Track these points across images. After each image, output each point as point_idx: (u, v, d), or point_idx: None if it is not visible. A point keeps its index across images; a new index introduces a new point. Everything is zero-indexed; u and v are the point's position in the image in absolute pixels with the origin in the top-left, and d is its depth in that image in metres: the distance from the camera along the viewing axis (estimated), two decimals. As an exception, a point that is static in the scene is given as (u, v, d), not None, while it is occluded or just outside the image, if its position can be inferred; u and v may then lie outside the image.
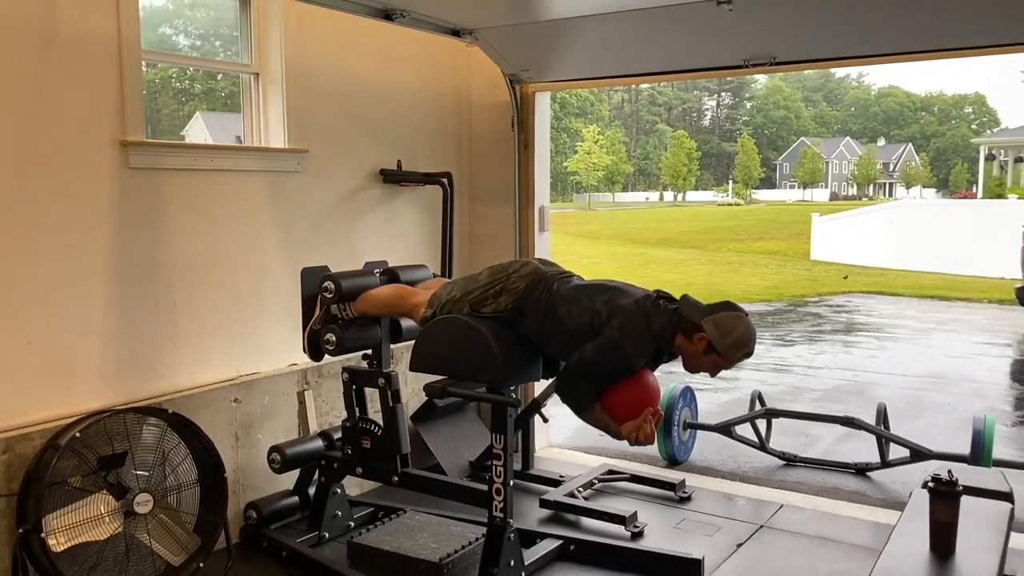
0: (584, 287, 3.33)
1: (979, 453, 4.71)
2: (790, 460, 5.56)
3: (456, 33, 4.53)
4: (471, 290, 3.41)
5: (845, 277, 18.83)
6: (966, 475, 3.00)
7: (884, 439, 5.24)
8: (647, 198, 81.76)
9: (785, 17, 3.89)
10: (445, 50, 5.08)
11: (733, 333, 3.07)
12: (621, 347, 3.09)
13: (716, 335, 3.06)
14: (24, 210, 3.25)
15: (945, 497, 2.57)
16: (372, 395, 3.85)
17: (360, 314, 3.74)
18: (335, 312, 3.76)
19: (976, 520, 2.76)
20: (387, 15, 4.07)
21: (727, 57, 4.37)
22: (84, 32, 3.40)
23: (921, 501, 2.74)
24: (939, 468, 2.70)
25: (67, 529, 3.14)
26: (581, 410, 3.22)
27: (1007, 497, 3.05)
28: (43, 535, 3.06)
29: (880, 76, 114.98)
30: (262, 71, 4.31)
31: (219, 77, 6.11)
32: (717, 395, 7.79)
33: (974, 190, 49.07)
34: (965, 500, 2.61)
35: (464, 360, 3.32)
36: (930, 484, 2.61)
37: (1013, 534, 2.90)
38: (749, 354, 3.15)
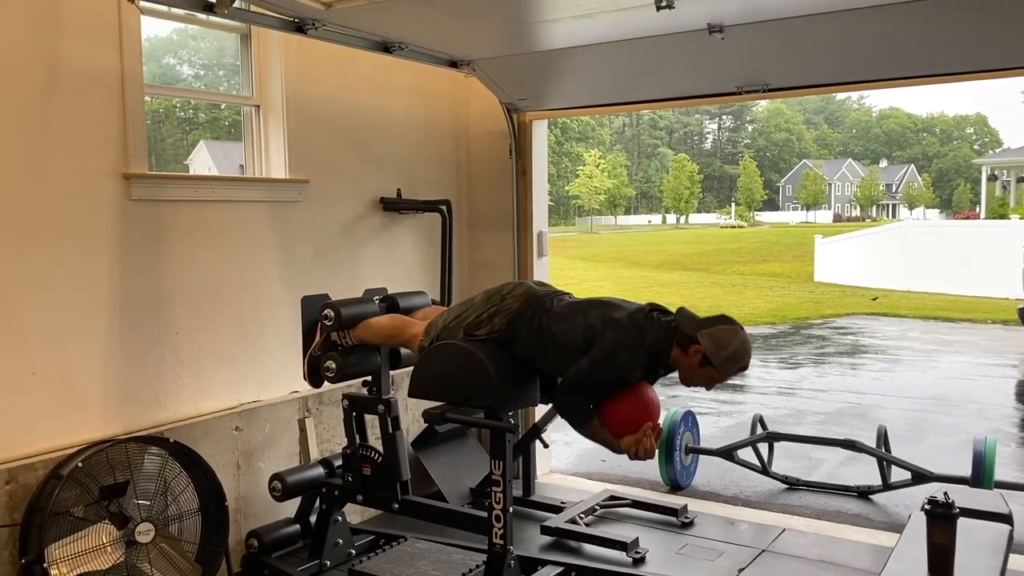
0: (578, 304, 3.37)
1: (980, 475, 4.70)
2: (792, 484, 5.55)
3: (454, 64, 4.60)
4: (466, 314, 3.44)
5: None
6: (965, 497, 3.00)
7: (886, 462, 5.23)
8: (649, 221, 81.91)
9: (777, 45, 3.95)
10: (443, 80, 5.15)
11: (729, 347, 3.09)
12: (615, 360, 3.11)
13: (712, 349, 3.08)
14: (27, 242, 3.30)
15: (942, 520, 2.57)
16: (372, 422, 3.87)
17: (359, 342, 3.77)
18: (335, 339, 3.79)
19: (974, 542, 2.76)
20: (386, 48, 4.14)
21: (721, 84, 4.43)
22: (87, 67, 3.47)
23: (919, 524, 2.74)
24: (941, 490, 2.71)
25: (69, 559, 3.15)
26: (580, 425, 3.23)
27: (1006, 519, 3.04)
28: (45, 565, 3.08)
29: (881, 98, 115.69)
30: (263, 103, 4.38)
31: (223, 106, 6.18)
32: (719, 419, 7.79)
33: (977, 210, 49.11)
34: (964, 522, 2.61)
35: (462, 386, 3.34)
36: (927, 507, 2.61)
37: (1012, 556, 2.90)
38: (744, 368, 3.17)
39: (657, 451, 3.20)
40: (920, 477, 5.05)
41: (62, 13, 3.38)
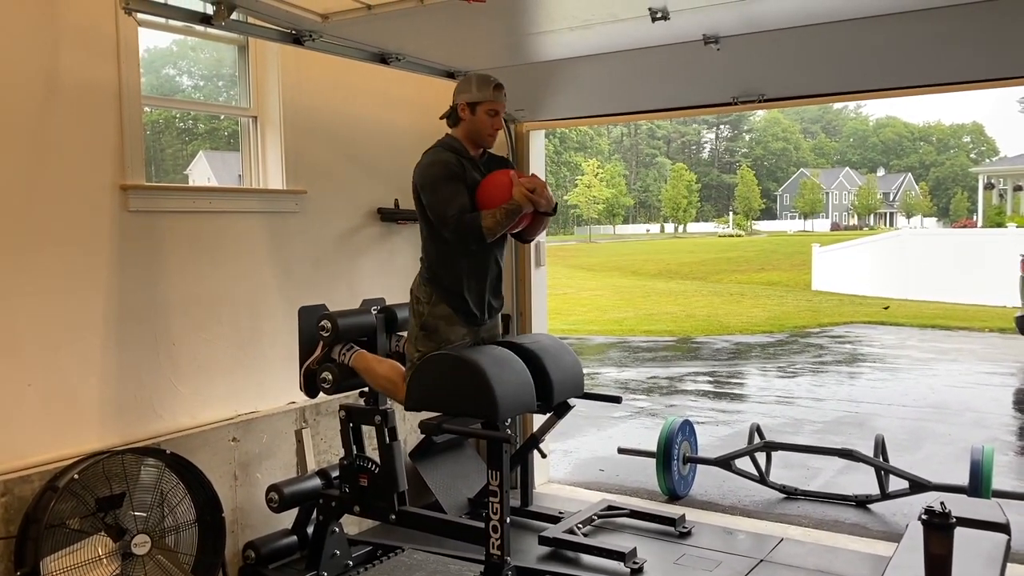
0: None
1: (978, 484, 4.70)
2: (790, 493, 5.54)
3: (451, 75, 4.61)
4: (411, 326, 3.64)
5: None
6: (963, 506, 3.00)
7: (883, 471, 5.22)
8: (648, 230, 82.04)
9: (772, 55, 3.96)
10: (440, 90, 5.15)
11: (472, 80, 3.54)
12: (425, 169, 3.51)
13: (464, 95, 3.53)
14: (25, 253, 3.30)
15: (938, 529, 2.57)
16: (369, 433, 3.87)
17: (355, 371, 3.78)
18: (335, 356, 3.79)
19: (972, 552, 2.75)
20: (383, 59, 4.15)
21: (717, 94, 4.44)
22: (86, 79, 3.48)
23: (917, 534, 2.73)
24: (938, 500, 2.71)
25: (65, 572, 3.14)
26: (476, 227, 3.39)
27: (1003, 528, 3.04)
28: (41, 578, 3.06)
29: (878, 107, 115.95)
30: (260, 114, 4.39)
31: (222, 116, 6.20)
32: (717, 428, 7.78)
33: (974, 219, 49.19)
34: (961, 532, 2.61)
35: (458, 396, 3.35)
36: (924, 517, 2.61)
37: (1010, 565, 2.89)
38: (499, 85, 3.56)
39: (543, 184, 3.53)
40: (918, 486, 5.05)
41: (60, 25, 3.39)
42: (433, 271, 3.60)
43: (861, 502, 5.33)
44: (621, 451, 6.08)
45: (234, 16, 3.47)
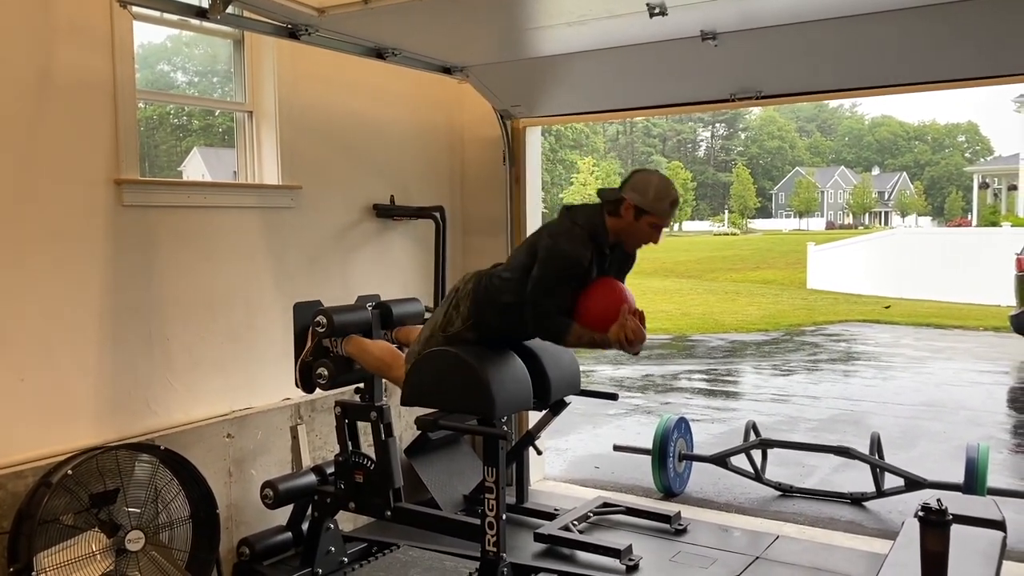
0: (516, 248, 3.53)
1: (973, 481, 4.70)
2: (786, 491, 5.55)
3: (447, 70, 4.60)
4: (436, 320, 3.51)
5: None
6: (958, 504, 3.00)
7: (879, 468, 5.23)
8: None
9: (770, 52, 3.96)
10: (437, 86, 5.15)
11: (651, 186, 3.22)
12: (558, 249, 3.20)
13: (637, 196, 3.21)
14: (18, 247, 3.28)
15: (935, 526, 2.57)
16: (365, 429, 3.85)
17: (349, 357, 3.76)
18: (327, 346, 3.78)
19: (968, 549, 2.76)
20: (379, 54, 4.14)
21: (714, 91, 4.44)
22: (80, 73, 3.46)
23: (913, 531, 2.73)
24: (934, 497, 2.71)
25: (58, 567, 3.13)
26: (560, 333, 3.23)
27: (999, 526, 3.04)
28: (34, 573, 3.05)
29: (873, 106, 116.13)
30: (256, 109, 4.37)
31: (216, 113, 6.18)
32: (713, 426, 7.79)
33: (969, 218, 49.31)
34: (957, 529, 2.61)
35: (454, 392, 3.34)
36: (920, 514, 2.61)
37: (1005, 563, 2.90)
38: (676, 202, 3.29)
39: (644, 335, 3.14)
40: (913, 484, 5.05)
41: (54, 19, 3.37)
42: (496, 309, 3.37)
43: (856, 499, 5.34)
44: (617, 448, 6.07)
45: (230, 10, 3.45)
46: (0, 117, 3.21)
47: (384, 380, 3.88)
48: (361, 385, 3.86)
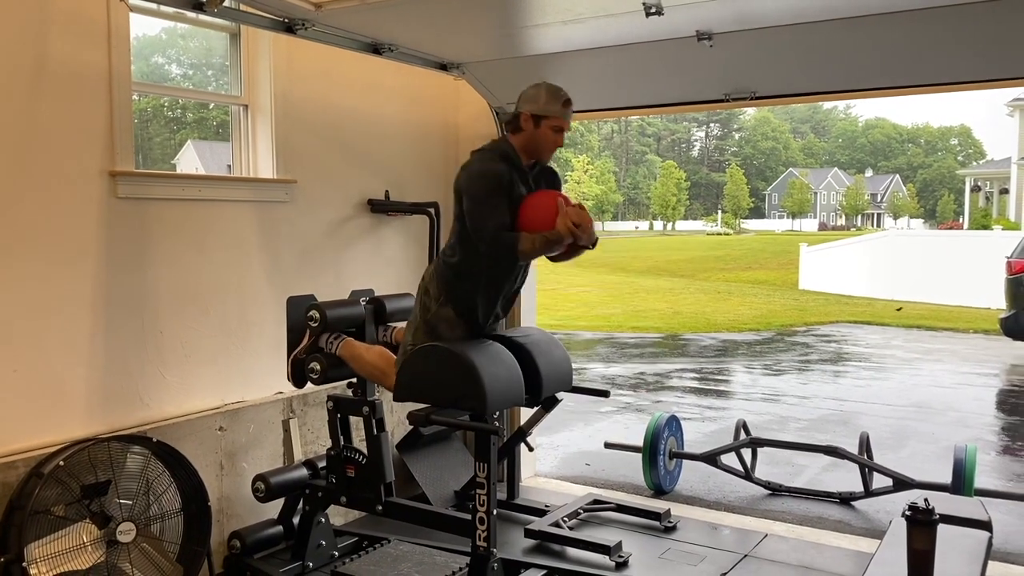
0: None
1: (960, 482, 4.74)
2: (775, 489, 5.58)
3: (443, 67, 4.60)
4: (416, 313, 3.57)
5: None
6: (946, 504, 3.03)
7: (867, 468, 5.26)
8: (636, 227, 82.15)
9: (765, 52, 3.97)
10: (433, 83, 5.16)
11: (542, 91, 3.36)
12: (473, 173, 3.33)
13: (531, 105, 3.35)
14: (11, 238, 3.27)
15: (922, 525, 2.59)
16: (357, 423, 3.86)
17: (342, 359, 3.77)
18: (322, 345, 3.79)
19: (954, 549, 2.78)
20: (376, 49, 4.14)
21: (709, 91, 4.45)
22: (75, 65, 3.45)
23: (900, 530, 2.76)
24: (921, 497, 2.73)
25: (49, 558, 3.13)
26: (511, 246, 3.28)
27: (985, 526, 3.07)
28: (25, 564, 3.05)
29: (867, 108, 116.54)
30: (251, 103, 4.37)
31: (211, 106, 6.17)
32: (703, 424, 7.82)
33: (960, 221, 49.50)
34: (943, 529, 2.63)
35: (447, 388, 3.35)
36: (907, 513, 2.64)
37: (991, 562, 2.93)
38: (568, 101, 3.39)
39: (589, 218, 3.27)
40: (901, 484, 5.09)
41: (50, 9, 3.36)
42: (454, 272, 3.46)
43: (845, 499, 5.37)
44: (608, 446, 6.09)
45: (227, 2, 3.45)
46: (-5, 107, 3.20)
47: (377, 375, 3.89)
48: (354, 380, 3.87)
